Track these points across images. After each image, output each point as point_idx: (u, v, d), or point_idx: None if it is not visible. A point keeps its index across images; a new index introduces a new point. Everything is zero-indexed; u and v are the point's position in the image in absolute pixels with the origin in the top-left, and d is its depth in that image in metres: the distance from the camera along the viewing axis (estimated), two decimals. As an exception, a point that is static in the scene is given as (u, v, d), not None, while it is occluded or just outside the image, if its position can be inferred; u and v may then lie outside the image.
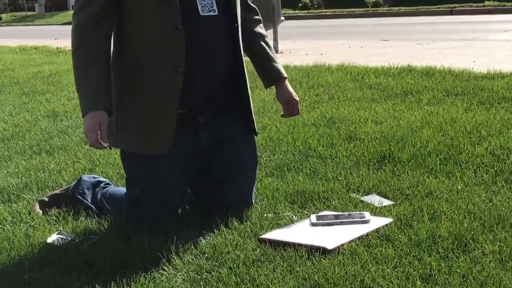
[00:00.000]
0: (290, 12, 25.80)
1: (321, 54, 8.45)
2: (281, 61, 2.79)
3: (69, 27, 2.56)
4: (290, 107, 2.72)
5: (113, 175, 3.30)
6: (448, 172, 3.03)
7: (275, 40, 9.59)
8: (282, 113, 2.77)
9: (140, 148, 2.53)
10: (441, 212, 2.50)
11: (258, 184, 2.91)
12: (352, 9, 23.88)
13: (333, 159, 3.33)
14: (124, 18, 2.48)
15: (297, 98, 2.75)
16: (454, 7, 20.40)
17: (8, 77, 7.66)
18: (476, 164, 3.10)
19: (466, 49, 8.19)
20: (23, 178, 3.40)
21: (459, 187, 2.80)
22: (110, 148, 2.47)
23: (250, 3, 2.75)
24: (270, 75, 2.78)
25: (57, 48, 11.39)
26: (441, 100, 4.58)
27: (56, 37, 16.45)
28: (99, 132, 2.31)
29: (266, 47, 2.76)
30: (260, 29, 2.79)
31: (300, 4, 28.31)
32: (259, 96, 5.10)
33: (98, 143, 2.33)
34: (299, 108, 2.78)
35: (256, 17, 2.81)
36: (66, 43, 11.74)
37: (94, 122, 2.33)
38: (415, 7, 21.55)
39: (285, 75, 2.76)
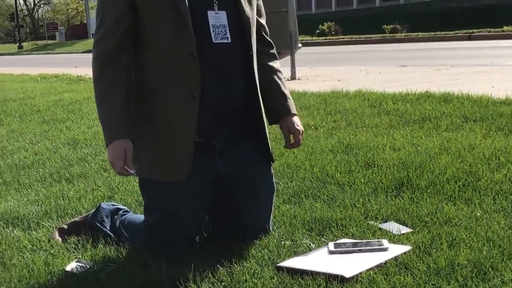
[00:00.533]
0: (307, 38, 25.95)
1: (339, 80, 8.47)
2: (298, 87, 2.79)
3: (89, 55, 2.61)
4: (291, 137, 2.69)
5: (131, 202, 3.32)
6: (467, 199, 3.01)
7: (293, 66, 9.64)
8: (285, 144, 2.75)
9: (157, 175, 2.55)
10: (460, 239, 2.48)
11: (275, 211, 2.91)
12: (370, 35, 23.97)
13: (351, 186, 3.33)
14: (141, 47, 2.51)
15: (300, 128, 2.70)
16: (472, 32, 20.40)
17: (29, 105, 7.76)
18: (495, 191, 3.08)
19: (484, 74, 8.17)
20: (43, 205, 3.43)
21: (478, 214, 2.78)
22: (136, 175, 2.49)
23: (267, 36, 2.76)
24: (279, 110, 2.75)
25: (78, 76, 11.53)
26: (460, 126, 4.57)
27: (76, 65, 16.69)
28: (124, 159, 2.34)
29: (279, 82, 2.76)
30: (274, 63, 2.80)
31: (318, 31, 28.48)
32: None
33: (124, 170, 2.36)
34: (301, 139, 2.71)
35: (271, 51, 2.82)
36: (86, 71, 11.90)
37: (119, 149, 2.36)
38: (433, 33, 21.59)
39: (294, 111, 2.73)
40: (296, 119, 2.72)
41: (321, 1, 41.90)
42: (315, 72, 10.40)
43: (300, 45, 10.31)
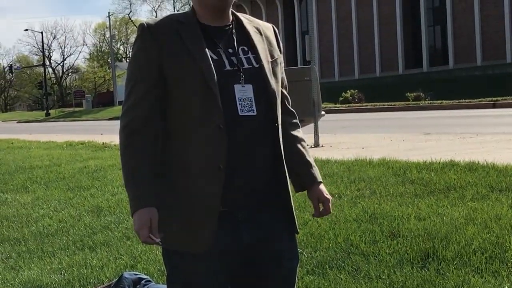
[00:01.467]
0: (331, 106, 26.14)
1: (363, 148, 8.47)
2: (322, 155, 2.78)
3: (115, 122, 2.65)
4: (320, 206, 2.68)
5: (154, 272, 3.31)
6: (494, 271, 2.95)
7: (316, 134, 9.68)
8: (313, 212, 2.73)
9: (180, 245, 2.54)
10: (489, 314, 2.43)
11: (299, 283, 2.87)
12: (393, 103, 24.08)
13: (376, 257, 3.28)
14: (168, 117, 2.55)
15: (329, 197, 2.70)
16: (497, 100, 20.39)
17: (54, 172, 7.84)
18: (523, 263, 3.02)
19: (509, 143, 8.11)
20: (65, 274, 3.43)
21: (506, 287, 2.71)
22: (162, 244, 2.48)
23: (289, 106, 2.79)
24: (304, 179, 2.75)
25: (103, 143, 11.65)
26: (485, 196, 4.51)
27: (102, 132, 16.91)
28: (150, 228, 2.33)
29: (303, 151, 2.77)
30: (297, 133, 2.81)
31: (341, 98, 28.70)
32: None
33: (150, 239, 2.35)
34: (330, 207, 2.71)
35: (294, 120, 2.84)
36: (111, 138, 12.05)
37: (145, 218, 2.36)
38: (457, 100, 21.62)
39: (319, 179, 2.73)
40: (323, 187, 2.72)
41: (344, 69, 42.41)
42: (339, 139, 10.42)
43: (323, 112, 10.37)
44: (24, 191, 6.71)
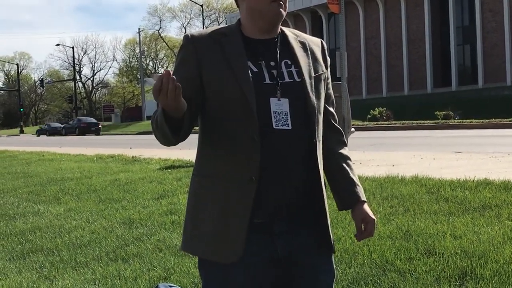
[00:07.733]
0: (358, 123, 26.06)
1: (393, 165, 8.40)
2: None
3: (143, 136, 2.69)
4: (363, 227, 2.64)
5: (187, 284, 3.30)
6: (536, 291, 2.89)
7: (346, 151, 9.63)
8: (356, 233, 2.70)
9: (212, 255, 2.53)
10: (532, 334, 2.37)
11: (335, 298, 2.84)
12: (422, 121, 23.93)
13: (412, 274, 3.24)
14: (205, 126, 2.56)
15: (374, 217, 2.67)
16: (527, 120, 20.18)
17: (86, 184, 7.90)
18: None
19: (543, 162, 8.00)
20: (99, 285, 3.43)
21: (549, 307, 2.66)
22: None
23: (335, 124, 2.77)
24: (348, 198, 2.73)
25: (133, 157, 11.72)
26: (522, 215, 4.44)
27: (131, 146, 17.03)
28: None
29: (348, 169, 2.74)
30: (343, 150, 2.78)
31: (369, 116, 28.60)
32: (332, 207, 5.06)
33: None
34: (374, 229, 2.68)
35: (340, 138, 2.81)
36: (140, 152, 12.12)
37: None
38: (487, 120, 21.43)
39: (363, 198, 2.70)
40: (367, 208, 2.69)
41: (372, 87, 42.28)
42: (368, 156, 10.36)
43: (353, 129, 10.34)
44: (56, 202, 6.77)
